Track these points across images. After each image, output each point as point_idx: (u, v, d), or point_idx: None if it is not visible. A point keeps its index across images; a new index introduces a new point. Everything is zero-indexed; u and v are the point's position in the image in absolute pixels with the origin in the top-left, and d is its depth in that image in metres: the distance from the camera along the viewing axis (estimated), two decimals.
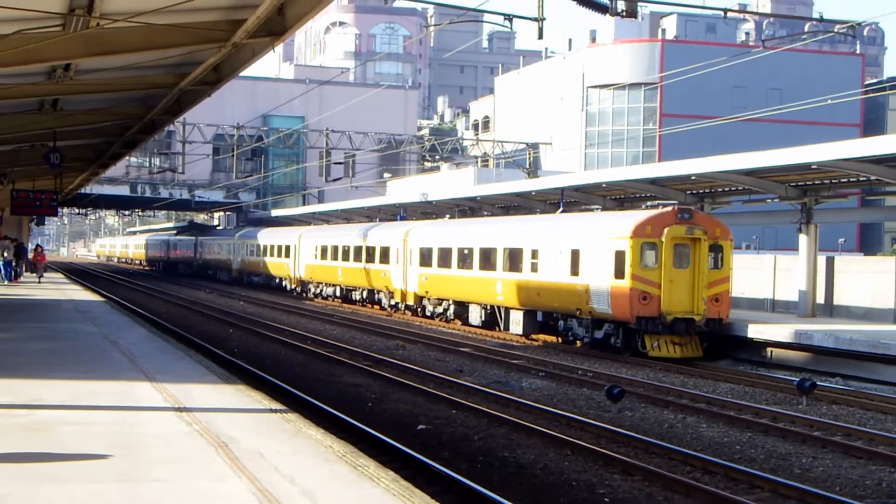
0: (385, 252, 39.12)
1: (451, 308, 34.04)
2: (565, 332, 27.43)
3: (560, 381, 20.72)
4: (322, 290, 48.07)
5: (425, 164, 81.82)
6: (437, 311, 35.04)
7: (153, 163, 73.44)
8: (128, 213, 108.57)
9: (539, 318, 28.60)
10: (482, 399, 17.72)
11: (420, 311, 36.48)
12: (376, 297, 41.33)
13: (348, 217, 55.68)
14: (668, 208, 26.16)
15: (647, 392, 18.94)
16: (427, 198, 44.29)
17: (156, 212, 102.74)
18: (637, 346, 24.39)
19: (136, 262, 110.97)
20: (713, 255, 24.72)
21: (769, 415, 16.57)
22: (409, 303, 37.17)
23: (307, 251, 49.05)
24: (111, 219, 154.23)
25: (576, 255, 26.23)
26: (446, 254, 33.91)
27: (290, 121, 77.48)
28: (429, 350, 26.25)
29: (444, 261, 34.00)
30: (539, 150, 69.58)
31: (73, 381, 13.33)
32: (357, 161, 65.60)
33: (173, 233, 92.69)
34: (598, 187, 33.05)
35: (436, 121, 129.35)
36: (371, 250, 40.52)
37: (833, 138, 27.40)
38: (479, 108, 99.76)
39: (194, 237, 77.43)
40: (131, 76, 18.46)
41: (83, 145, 30.72)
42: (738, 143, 44.81)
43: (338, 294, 46.01)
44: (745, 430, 15.41)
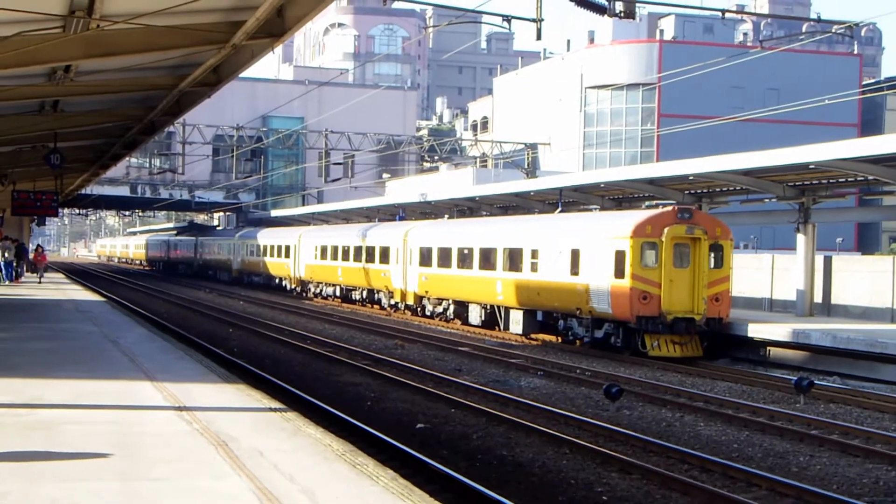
0: (385, 252, 39.12)
1: (451, 308, 34.04)
2: (565, 332, 27.41)
3: (558, 380, 20.74)
4: (322, 290, 48.09)
5: (424, 164, 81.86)
6: (436, 310, 35.04)
7: (153, 163, 73.49)
8: (128, 213, 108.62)
9: (539, 317, 28.59)
10: (481, 398, 17.75)
11: (420, 310, 36.48)
12: (376, 296, 41.34)
13: (347, 217, 55.69)
14: (669, 208, 26.10)
15: (646, 391, 18.97)
16: (426, 198, 44.32)
17: (156, 212, 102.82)
18: (637, 346, 24.37)
19: (136, 262, 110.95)
20: (713, 255, 24.69)
21: (767, 413, 16.60)
22: (409, 302, 37.17)
23: (307, 251, 49.06)
24: (111, 219, 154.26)
25: (576, 254, 26.21)
26: (446, 253, 33.90)
27: (289, 122, 77.51)
28: (428, 349, 26.27)
29: (444, 260, 33.99)
30: (537, 151, 69.60)
31: (74, 380, 13.37)
32: (356, 161, 65.67)
33: (173, 233, 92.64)
34: (597, 187, 33.07)
35: (434, 121, 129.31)
36: (371, 250, 40.53)
37: (831, 138, 27.41)
38: (477, 109, 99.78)
39: (194, 237, 77.42)
40: (131, 77, 18.50)
41: (83, 146, 30.75)
42: (736, 143, 44.79)
43: (338, 294, 46.03)
44: (743, 429, 15.43)
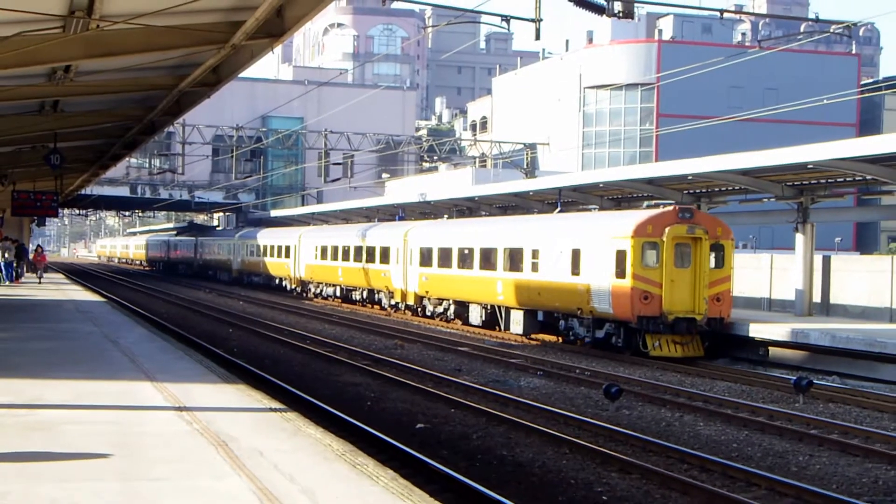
0: (385, 252, 39.11)
1: (452, 308, 34.01)
2: (566, 332, 27.36)
3: (558, 380, 20.75)
4: (322, 291, 48.10)
5: (423, 164, 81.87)
6: (437, 310, 35.02)
7: (153, 164, 73.54)
8: (128, 213, 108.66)
9: (540, 317, 28.54)
10: (481, 398, 17.76)
11: (420, 310, 36.47)
12: (376, 297, 41.35)
13: (347, 217, 55.71)
14: (670, 208, 26.01)
15: (645, 391, 18.98)
16: (425, 198, 44.31)
17: (156, 212, 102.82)
18: (638, 346, 24.30)
19: (136, 262, 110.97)
20: (714, 255, 24.64)
21: (766, 413, 16.61)
22: (410, 302, 37.15)
23: (307, 251, 49.08)
24: (111, 219, 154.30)
25: (577, 254, 26.16)
26: (447, 254, 33.87)
27: (288, 122, 77.53)
28: (427, 349, 26.27)
29: (445, 261, 33.96)
30: (536, 151, 69.59)
31: (74, 380, 13.38)
32: (355, 162, 65.63)
33: (173, 233, 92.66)
34: (596, 187, 33.08)
35: (434, 121, 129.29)
36: (371, 250, 40.52)
37: (829, 138, 27.42)
38: (476, 109, 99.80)
39: (194, 238, 77.43)
40: (131, 78, 18.52)
41: (83, 146, 30.77)
42: (734, 142, 44.82)
43: (338, 294, 46.05)
44: (742, 429, 15.44)
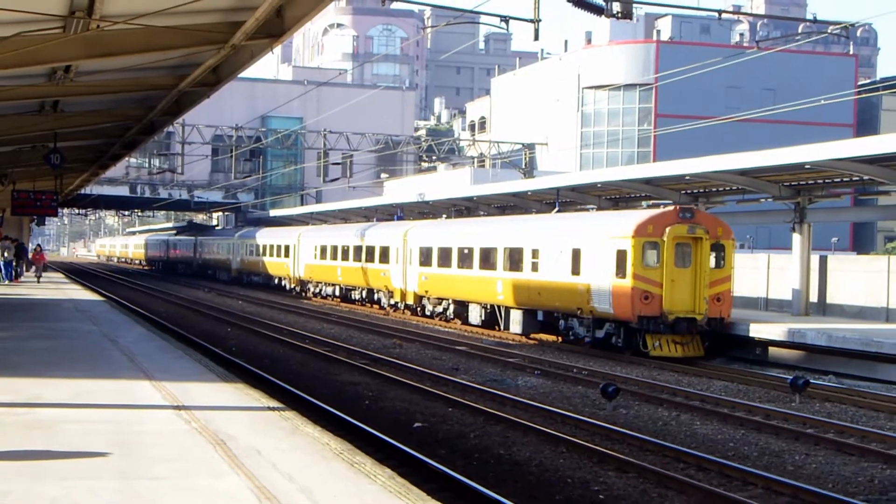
0: (385, 252, 39.12)
1: (451, 307, 34.00)
2: (566, 332, 27.32)
3: (556, 379, 20.78)
4: (322, 290, 48.12)
5: (422, 164, 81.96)
6: (436, 310, 35.03)
7: (153, 163, 73.56)
8: (127, 213, 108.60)
9: (540, 317, 28.50)
10: (478, 397, 17.80)
11: (420, 310, 36.47)
12: (375, 296, 41.37)
13: (346, 217, 55.73)
14: (670, 207, 25.96)
15: (642, 390, 19.01)
16: (424, 198, 44.33)
17: (155, 212, 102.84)
18: (639, 346, 24.24)
19: (135, 261, 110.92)
20: (715, 255, 24.61)
21: (762, 412, 16.64)
22: (409, 302, 37.15)
23: (307, 251, 49.09)
24: (111, 219, 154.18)
25: (577, 254, 26.11)
26: (446, 253, 33.86)
27: (288, 122, 77.52)
28: (426, 349, 26.30)
29: (444, 260, 33.94)
30: (535, 151, 69.64)
31: (73, 379, 13.42)
32: (354, 161, 65.71)
33: (173, 233, 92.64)
34: (594, 187, 33.11)
35: (433, 122, 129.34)
36: (370, 250, 40.53)
37: (826, 138, 27.46)
38: (475, 109, 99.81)
39: (194, 237, 77.41)
40: (131, 78, 18.57)
41: (83, 146, 30.81)
42: (732, 143, 44.78)
43: (337, 294, 46.07)
44: (739, 428, 15.48)
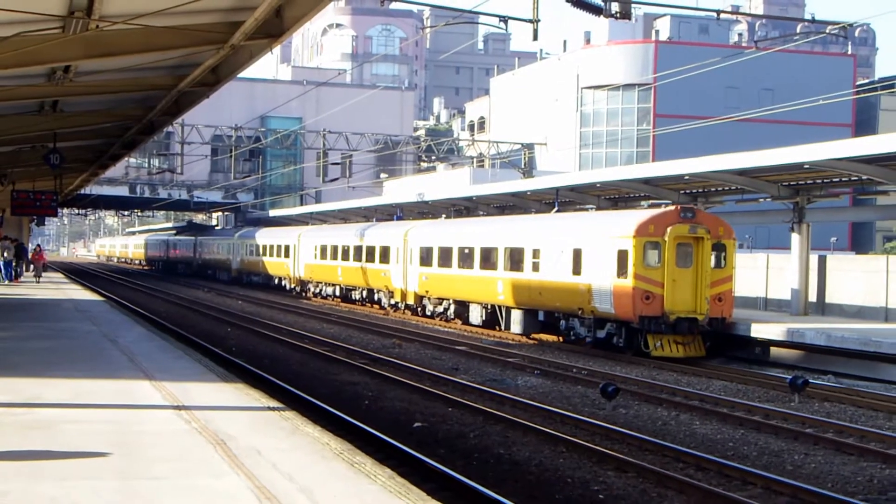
0: (385, 252, 39.10)
1: (452, 307, 33.98)
2: (567, 332, 27.28)
3: (555, 379, 20.78)
4: (322, 290, 48.12)
5: (421, 164, 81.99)
6: (437, 310, 35.01)
7: (152, 163, 73.58)
8: (127, 213, 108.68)
9: (540, 317, 28.44)
10: (478, 397, 17.80)
11: (420, 310, 36.45)
12: (375, 296, 41.36)
13: (345, 217, 55.73)
14: (671, 207, 25.90)
15: (642, 390, 19.02)
16: (423, 198, 44.33)
17: (155, 212, 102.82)
18: (640, 346, 24.19)
19: (135, 261, 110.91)
20: (716, 254, 24.58)
21: (762, 412, 16.65)
22: (410, 302, 37.12)
23: (307, 251, 49.08)
24: (111, 219, 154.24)
25: (578, 254, 26.06)
26: (447, 253, 33.83)
27: (287, 122, 77.57)
28: (425, 348, 26.29)
29: (445, 260, 33.92)
30: (534, 151, 69.70)
31: (73, 379, 13.42)
32: (354, 161, 65.70)
33: (172, 233, 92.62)
34: (593, 187, 33.12)
35: (432, 122, 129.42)
36: (371, 250, 40.51)
37: (825, 138, 27.45)
38: (474, 109, 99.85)
39: (193, 237, 77.39)
40: (130, 78, 18.58)
41: (83, 146, 30.82)
42: (730, 143, 44.83)
43: (337, 294, 46.07)
44: (738, 427, 15.49)
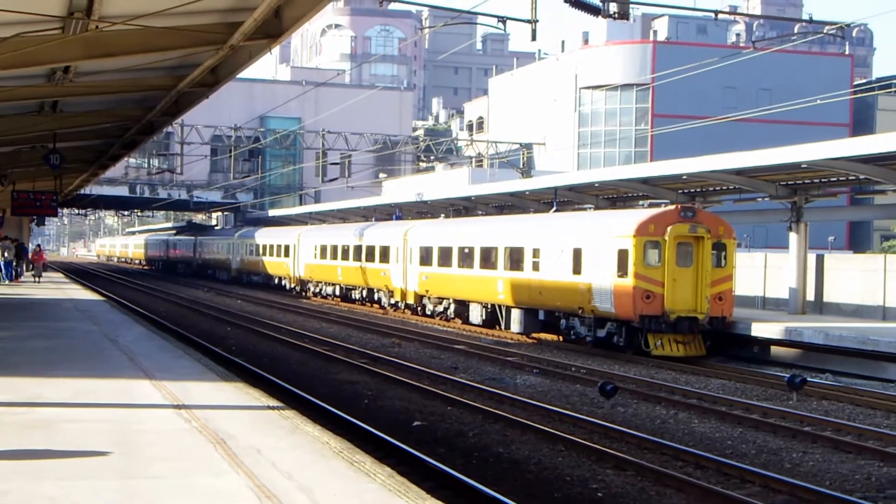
0: (385, 251, 39.11)
1: (452, 307, 33.97)
2: (567, 331, 27.27)
3: (554, 377, 20.81)
4: (321, 290, 48.14)
5: (420, 164, 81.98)
6: (437, 309, 35.02)
7: (152, 164, 73.63)
8: (127, 213, 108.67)
9: (541, 316, 28.43)
10: (477, 396, 17.84)
11: (420, 310, 36.45)
12: (375, 295, 41.37)
13: (345, 217, 55.74)
14: (672, 206, 25.87)
15: (640, 388, 19.06)
16: (422, 198, 44.36)
17: (154, 212, 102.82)
18: (640, 345, 24.17)
19: (135, 261, 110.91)
20: (716, 254, 24.56)
21: (760, 410, 16.68)
22: (410, 301, 37.13)
23: (307, 251, 49.10)
24: (110, 219, 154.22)
25: (578, 253, 26.06)
26: (447, 253, 33.83)
27: (286, 122, 77.58)
28: (424, 348, 26.31)
29: (445, 260, 33.92)
30: (532, 151, 69.70)
31: (73, 378, 13.46)
32: (353, 162, 65.71)
33: (172, 233, 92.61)
34: (591, 187, 33.15)
35: (430, 122, 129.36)
36: (371, 249, 40.52)
37: (822, 138, 27.46)
38: (473, 109, 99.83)
39: (193, 237, 77.41)
40: (130, 78, 18.60)
41: (83, 147, 30.82)
42: (728, 142, 44.84)
43: (337, 293, 46.09)
44: (737, 426, 15.52)
